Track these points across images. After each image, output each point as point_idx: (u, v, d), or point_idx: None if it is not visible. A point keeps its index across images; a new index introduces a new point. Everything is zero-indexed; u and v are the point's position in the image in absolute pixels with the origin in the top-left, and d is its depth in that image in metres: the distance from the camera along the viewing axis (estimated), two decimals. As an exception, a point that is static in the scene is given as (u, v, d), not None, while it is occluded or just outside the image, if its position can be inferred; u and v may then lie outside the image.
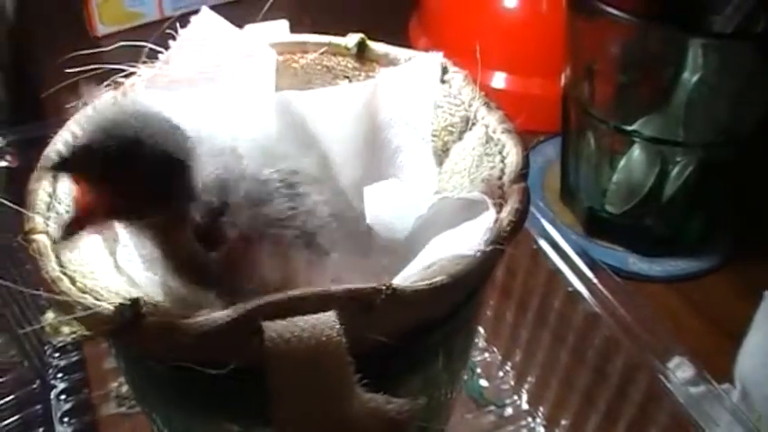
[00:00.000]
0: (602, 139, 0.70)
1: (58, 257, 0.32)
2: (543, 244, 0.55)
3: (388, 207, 0.37)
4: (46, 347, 0.65)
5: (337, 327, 0.26)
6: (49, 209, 0.35)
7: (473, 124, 0.40)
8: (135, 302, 0.28)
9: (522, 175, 0.36)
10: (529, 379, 0.61)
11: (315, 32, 0.46)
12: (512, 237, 0.33)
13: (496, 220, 0.33)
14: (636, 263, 0.71)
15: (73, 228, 0.30)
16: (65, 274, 0.31)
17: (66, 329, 0.66)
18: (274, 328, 0.26)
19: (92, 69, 0.44)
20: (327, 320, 0.26)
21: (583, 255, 0.55)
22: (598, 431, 0.55)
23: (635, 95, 0.69)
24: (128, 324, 0.28)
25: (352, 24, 0.47)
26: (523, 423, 0.60)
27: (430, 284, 0.29)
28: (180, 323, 0.28)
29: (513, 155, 0.38)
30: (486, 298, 0.37)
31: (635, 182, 0.70)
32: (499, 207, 0.35)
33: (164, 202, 0.32)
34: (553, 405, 0.59)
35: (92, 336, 0.65)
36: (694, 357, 0.49)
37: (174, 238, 0.31)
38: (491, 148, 0.39)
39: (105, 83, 0.43)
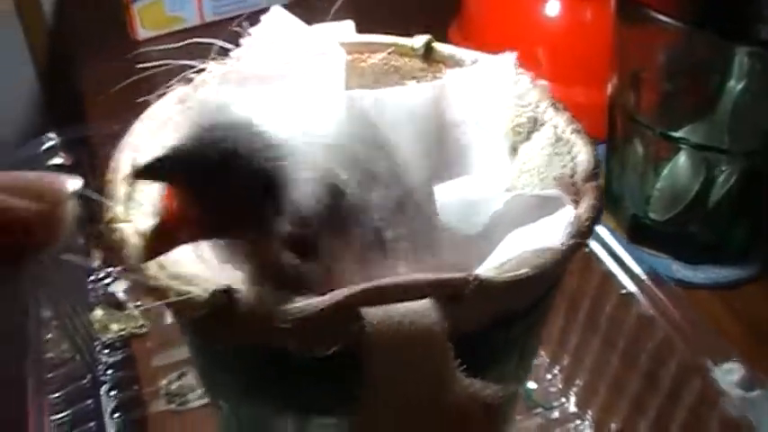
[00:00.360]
0: (649, 146, 0.70)
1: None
2: (595, 246, 0.55)
3: (461, 203, 0.37)
4: (95, 344, 0.65)
5: (435, 313, 0.27)
6: (128, 199, 0.36)
7: (541, 125, 0.41)
8: (229, 288, 0.29)
9: (595, 173, 0.37)
10: (577, 382, 0.61)
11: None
12: (589, 232, 0.33)
13: (576, 216, 0.34)
14: (679, 270, 0.71)
15: (160, 245, 0.30)
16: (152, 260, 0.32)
17: (114, 327, 0.67)
18: (375, 314, 0.27)
19: (159, 66, 0.44)
20: (426, 307, 0.27)
21: (634, 255, 0.55)
22: (649, 435, 0.55)
23: (681, 102, 0.69)
24: (222, 309, 0.29)
25: (392, 31, 0.48)
26: (571, 426, 0.60)
27: (515, 276, 0.30)
28: (277, 308, 0.28)
29: (583, 154, 0.38)
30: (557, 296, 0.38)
31: (679, 189, 0.70)
32: (574, 203, 0.35)
33: (256, 219, 0.31)
34: (602, 408, 0.59)
35: (140, 334, 0.66)
36: (743, 361, 0.49)
37: (263, 254, 0.31)
38: (560, 147, 0.39)
39: (176, 78, 0.43)
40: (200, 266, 0.33)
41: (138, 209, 0.36)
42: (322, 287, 0.31)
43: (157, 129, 0.40)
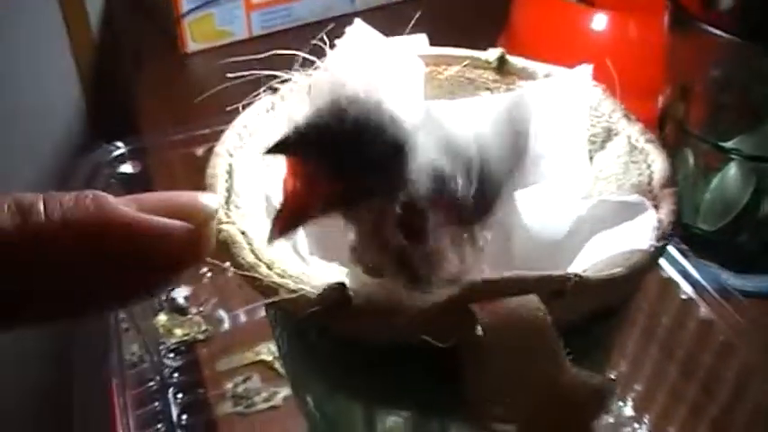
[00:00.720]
0: (699, 157, 0.71)
1: (250, 245, 0.35)
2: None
3: (543, 209, 0.39)
4: (161, 348, 0.67)
5: (543, 307, 0.29)
6: (228, 202, 0.38)
7: (615, 134, 0.43)
8: (341, 285, 0.31)
9: (672, 180, 0.38)
10: (635, 387, 0.62)
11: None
12: (673, 234, 0.35)
13: (659, 220, 0.35)
14: (729, 278, 0.72)
15: (290, 222, 0.31)
16: (260, 260, 0.34)
17: (178, 332, 0.69)
18: (490, 308, 0.28)
19: (243, 75, 0.46)
20: (533, 301, 0.29)
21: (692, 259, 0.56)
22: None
23: (731, 114, 0.70)
24: (335, 306, 0.30)
25: (438, 45, 0.49)
26: (628, 430, 0.61)
27: (611, 275, 0.32)
28: (389, 306, 0.30)
29: (659, 162, 0.40)
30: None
31: (729, 199, 0.71)
32: (655, 208, 0.37)
33: (383, 191, 0.31)
34: (659, 414, 0.60)
35: (203, 339, 0.68)
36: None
37: (378, 229, 0.32)
38: (636, 156, 0.41)
39: (262, 88, 0.45)
40: (305, 267, 0.35)
41: (237, 211, 0.37)
42: (422, 271, 0.33)
43: (249, 136, 0.42)
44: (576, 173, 0.42)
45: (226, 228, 0.36)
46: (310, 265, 0.36)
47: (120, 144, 0.68)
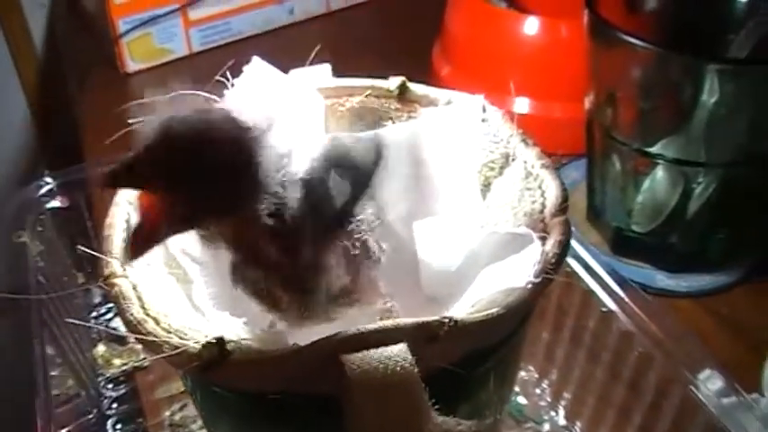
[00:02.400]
0: (627, 162, 0.72)
1: (140, 299, 0.35)
2: (575, 266, 0.58)
3: (438, 241, 0.40)
4: (99, 379, 0.68)
5: (410, 357, 0.29)
6: (125, 252, 0.38)
7: (513, 160, 0.43)
8: (220, 340, 0.31)
9: (563, 208, 0.39)
10: (565, 395, 0.63)
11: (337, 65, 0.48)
12: (557, 268, 0.36)
13: (542, 253, 0.36)
14: (663, 279, 0.74)
15: (142, 243, 0.32)
16: (149, 315, 0.34)
17: (117, 361, 0.69)
18: (353, 360, 0.29)
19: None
20: (401, 352, 0.29)
21: (613, 273, 0.57)
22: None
23: (656, 119, 0.71)
24: (215, 361, 0.31)
25: (376, 56, 0.50)
26: (561, 438, 0.62)
27: (486, 315, 0.32)
28: (264, 358, 0.30)
29: (552, 188, 0.40)
30: (530, 325, 0.40)
31: (659, 201, 0.72)
32: (542, 240, 0.37)
33: (233, 204, 0.32)
34: (590, 420, 0.61)
35: (142, 367, 0.69)
36: (723, 369, 0.51)
37: (246, 241, 0.33)
38: (531, 182, 0.41)
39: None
40: (195, 316, 0.36)
41: (135, 262, 0.38)
42: (309, 284, 0.33)
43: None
44: (469, 203, 0.42)
45: (118, 282, 0.36)
46: (207, 316, 0.36)
47: (48, 179, 0.68)
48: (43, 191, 0.67)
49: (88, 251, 0.37)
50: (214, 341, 0.31)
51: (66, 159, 0.70)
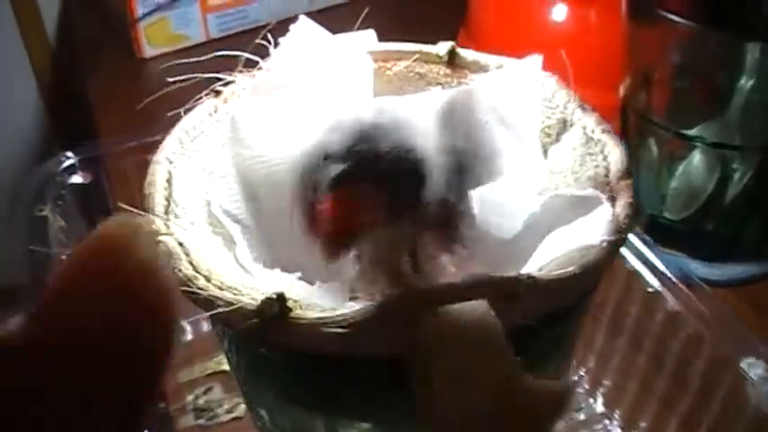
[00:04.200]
0: (663, 146, 0.70)
1: (188, 256, 0.33)
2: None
3: (496, 206, 0.38)
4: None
5: (493, 313, 0.27)
6: (167, 212, 0.36)
7: (570, 126, 0.41)
8: (281, 296, 0.29)
9: (628, 171, 0.37)
10: (604, 382, 0.61)
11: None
12: (629, 229, 0.34)
13: (613, 214, 0.34)
14: (698, 268, 0.72)
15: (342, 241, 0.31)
16: (198, 272, 0.32)
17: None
18: (435, 316, 0.27)
19: (186, 78, 0.44)
20: (483, 307, 0.27)
21: (659, 254, 0.55)
22: (679, 433, 0.55)
23: (693, 101, 0.69)
24: (275, 318, 0.29)
25: (399, 40, 0.48)
26: (599, 427, 0.60)
27: (565, 274, 0.30)
28: (329, 314, 0.28)
29: (615, 153, 0.39)
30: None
31: (694, 188, 0.71)
32: (610, 201, 0.35)
33: (413, 209, 0.32)
34: (630, 408, 0.59)
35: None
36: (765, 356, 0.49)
37: (393, 257, 0.32)
38: (592, 147, 0.40)
39: (204, 92, 0.43)
40: (247, 277, 0.34)
41: (176, 221, 0.36)
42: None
43: (190, 142, 0.40)
44: (529, 168, 0.40)
45: (164, 239, 0.34)
46: (254, 274, 0.34)
47: (70, 154, 0.66)
48: (64, 166, 0.65)
49: (130, 208, 0.35)
50: (274, 296, 0.29)
51: (79, 143, 0.68)
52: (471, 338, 0.27)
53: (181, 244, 0.34)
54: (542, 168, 0.40)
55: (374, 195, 0.30)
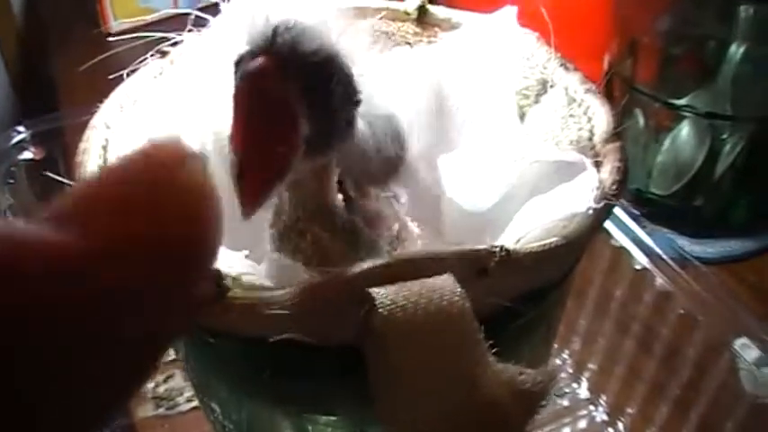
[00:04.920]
0: (650, 116, 0.67)
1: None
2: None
3: (469, 177, 0.34)
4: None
5: (459, 289, 0.23)
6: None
7: (551, 86, 0.38)
8: (216, 274, 0.25)
9: (617, 134, 0.33)
10: (590, 366, 0.57)
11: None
12: (618, 195, 0.30)
13: (600, 180, 0.30)
14: (687, 245, 0.68)
15: (267, 182, 0.24)
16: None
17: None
18: (386, 294, 0.23)
19: (133, 38, 0.40)
20: (447, 283, 0.23)
21: (647, 229, 0.52)
22: (669, 419, 0.52)
23: (682, 69, 0.66)
24: (209, 300, 0.25)
25: None
26: (584, 413, 0.56)
27: (544, 246, 0.26)
28: (270, 295, 0.25)
29: (601, 114, 0.35)
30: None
31: (683, 161, 0.67)
32: (596, 166, 0.32)
33: (345, 137, 0.27)
34: (617, 393, 0.56)
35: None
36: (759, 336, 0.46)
37: (318, 186, 0.27)
38: (575, 109, 0.36)
39: (150, 52, 0.39)
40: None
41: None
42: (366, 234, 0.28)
43: (131, 105, 0.36)
44: (505, 132, 0.36)
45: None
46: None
47: (21, 128, 0.62)
48: (15, 141, 0.61)
49: (57, 178, 0.31)
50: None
51: (44, 113, 0.64)
52: (432, 323, 0.23)
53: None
54: (518, 132, 0.37)
55: (293, 96, 0.24)
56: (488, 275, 0.25)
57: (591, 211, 0.28)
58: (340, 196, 0.29)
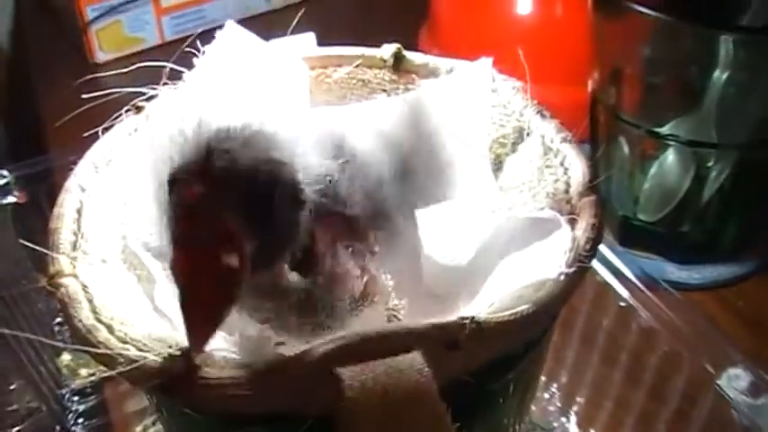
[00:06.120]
0: (635, 145, 0.67)
1: (90, 302, 0.29)
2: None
3: (445, 232, 0.34)
4: (64, 391, 0.61)
5: (426, 370, 0.23)
6: (75, 248, 0.32)
7: (527, 134, 0.38)
8: (186, 351, 0.25)
9: (592, 187, 0.33)
10: (578, 399, 0.57)
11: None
12: (592, 255, 0.30)
13: (573, 239, 0.30)
14: (674, 272, 0.68)
15: (208, 317, 0.25)
16: (101, 321, 0.28)
17: (83, 371, 0.63)
18: (352, 374, 0.23)
19: (105, 95, 0.41)
20: (413, 362, 0.23)
21: (631, 265, 0.52)
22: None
23: (666, 97, 0.66)
24: (180, 377, 0.25)
25: (359, 42, 0.45)
26: (573, 447, 0.56)
27: (514, 314, 0.26)
28: (239, 373, 0.24)
29: (576, 165, 0.35)
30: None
31: (669, 188, 0.67)
32: (571, 223, 0.32)
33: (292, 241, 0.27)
34: (606, 427, 0.56)
35: (111, 378, 0.62)
36: (749, 366, 0.46)
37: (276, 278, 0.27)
38: (551, 159, 0.36)
39: (126, 108, 0.39)
40: (158, 322, 0.30)
41: (84, 258, 0.32)
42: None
43: (106, 165, 0.36)
44: (481, 183, 0.36)
45: (65, 282, 0.30)
46: (172, 319, 0.30)
47: (5, 172, 0.62)
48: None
49: (33, 246, 0.31)
50: (178, 352, 0.25)
51: (31, 153, 0.64)
52: (399, 402, 0.23)
53: (85, 287, 0.30)
54: (493, 185, 0.37)
55: (233, 220, 0.24)
56: (459, 348, 0.25)
57: (563, 277, 0.28)
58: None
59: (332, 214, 0.31)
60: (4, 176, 0.61)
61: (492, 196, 0.36)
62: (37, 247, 0.32)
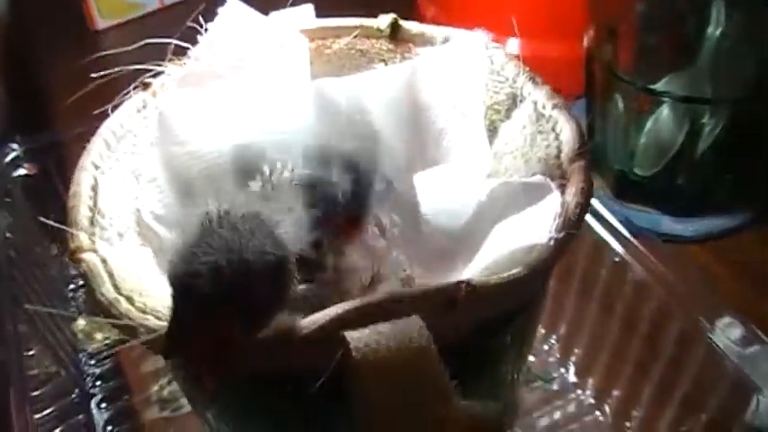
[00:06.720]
0: (630, 101, 0.68)
1: (111, 276, 0.31)
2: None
3: (443, 194, 0.36)
4: (81, 355, 0.63)
5: (425, 332, 0.25)
6: (92, 224, 0.34)
7: (521, 101, 0.39)
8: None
9: (582, 152, 0.35)
10: (576, 351, 0.59)
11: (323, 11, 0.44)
12: (581, 219, 0.32)
13: (563, 204, 0.32)
14: (669, 224, 0.70)
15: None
16: (121, 294, 0.30)
17: (98, 335, 0.65)
18: (357, 337, 0.25)
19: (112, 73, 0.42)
20: (413, 325, 0.25)
21: (625, 221, 0.53)
22: (653, 400, 0.54)
23: (660, 54, 0.67)
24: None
25: (356, 9, 0.46)
26: (572, 396, 0.58)
27: (507, 277, 0.28)
28: (254, 338, 0.26)
29: (567, 131, 0.36)
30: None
31: (664, 142, 0.68)
32: (562, 188, 0.33)
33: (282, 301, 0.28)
34: (603, 377, 0.58)
35: (126, 341, 0.64)
36: (740, 317, 0.48)
37: None
38: (543, 125, 0.37)
39: (133, 85, 0.41)
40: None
41: (101, 233, 0.33)
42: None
43: (117, 143, 0.38)
44: (476, 149, 0.38)
45: (86, 257, 0.32)
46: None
47: (15, 145, 0.63)
48: (9, 158, 0.62)
49: (53, 223, 0.33)
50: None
51: (36, 124, 0.65)
52: (401, 364, 0.25)
53: (104, 261, 0.32)
54: (488, 150, 0.38)
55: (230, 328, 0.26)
56: (455, 308, 0.26)
57: (552, 241, 0.30)
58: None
59: (334, 216, 0.32)
60: (15, 150, 0.63)
61: (487, 162, 0.37)
62: (56, 224, 0.33)
